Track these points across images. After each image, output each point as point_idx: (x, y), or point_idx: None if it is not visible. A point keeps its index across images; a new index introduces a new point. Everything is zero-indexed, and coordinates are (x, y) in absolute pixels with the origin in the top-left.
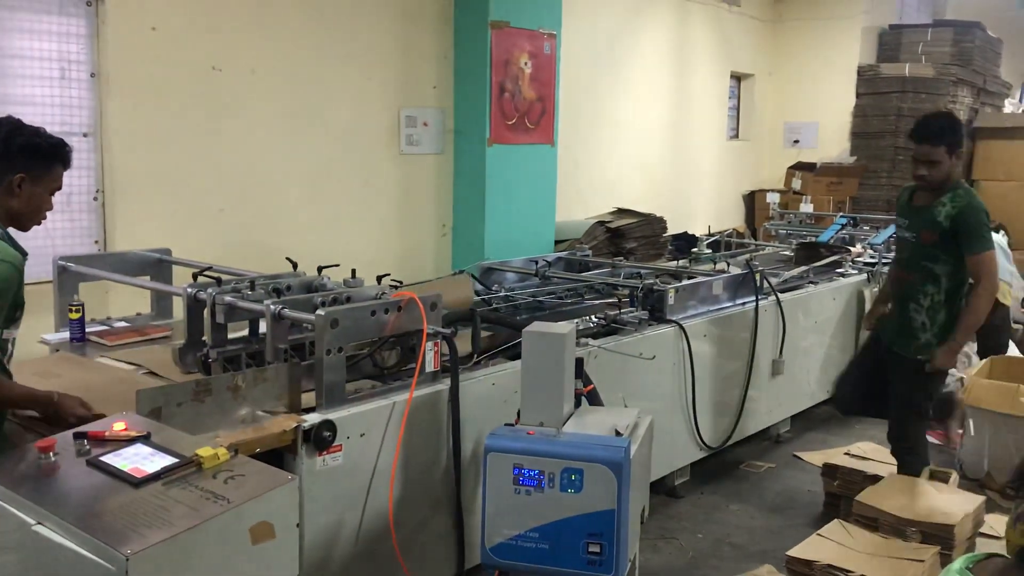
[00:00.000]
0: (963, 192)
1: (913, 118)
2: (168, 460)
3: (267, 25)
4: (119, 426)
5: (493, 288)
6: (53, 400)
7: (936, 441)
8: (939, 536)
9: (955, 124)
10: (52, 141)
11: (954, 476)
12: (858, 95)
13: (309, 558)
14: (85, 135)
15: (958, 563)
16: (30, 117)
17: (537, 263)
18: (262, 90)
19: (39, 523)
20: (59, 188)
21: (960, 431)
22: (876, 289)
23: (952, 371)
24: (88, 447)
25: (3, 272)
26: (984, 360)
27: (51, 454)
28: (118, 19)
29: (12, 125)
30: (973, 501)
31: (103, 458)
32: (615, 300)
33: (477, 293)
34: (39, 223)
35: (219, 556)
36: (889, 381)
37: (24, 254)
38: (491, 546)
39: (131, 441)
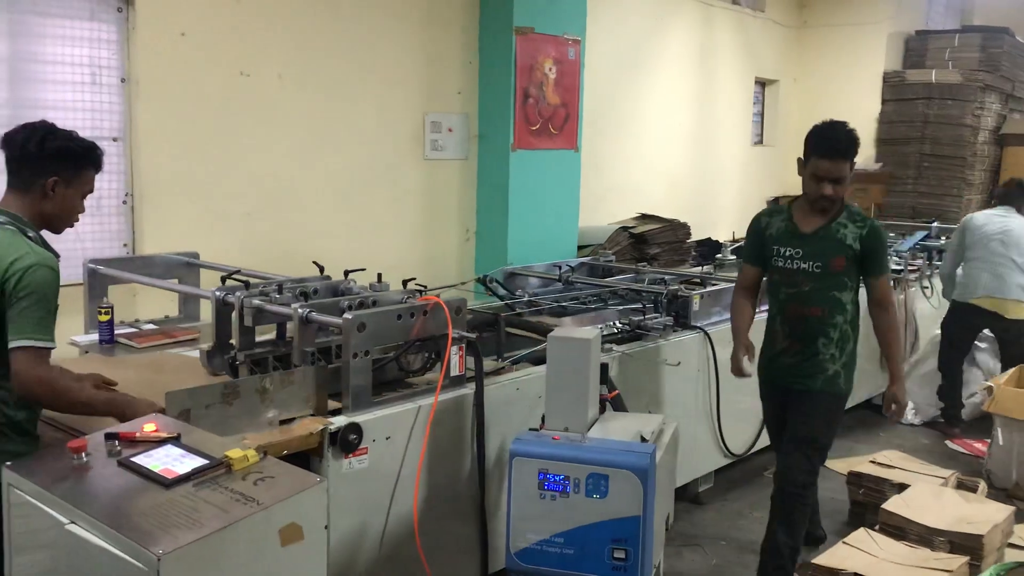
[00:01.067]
0: (857, 209)
1: (939, 124)
2: (198, 461)
3: (294, 31)
4: (150, 427)
5: (516, 293)
6: (126, 414)
7: (964, 451)
8: (968, 546)
9: (857, 135)
10: (84, 144)
11: (982, 486)
12: (884, 101)
13: (334, 561)
14: (115, 140)
15: (988, 572)
16: (61, 122)
17: (560, 268)
18: (289, 95)
19: (72, 522)
20: (91, 191)
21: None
22: (902, 296)
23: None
24: (119, 448)
25: (45, 277)
26: (1012, 368)
27: (83, 454)
28: (148, 25)
29: (46, 129)
30: (1002, 511)
31: (134, 459)
32: (639, 306)
33: (501, 298)
34: (71, 225)
35: (248, 557)
36: (788, 421)
37: (56, 256)
38: (516, 551)
39: (162, 442)
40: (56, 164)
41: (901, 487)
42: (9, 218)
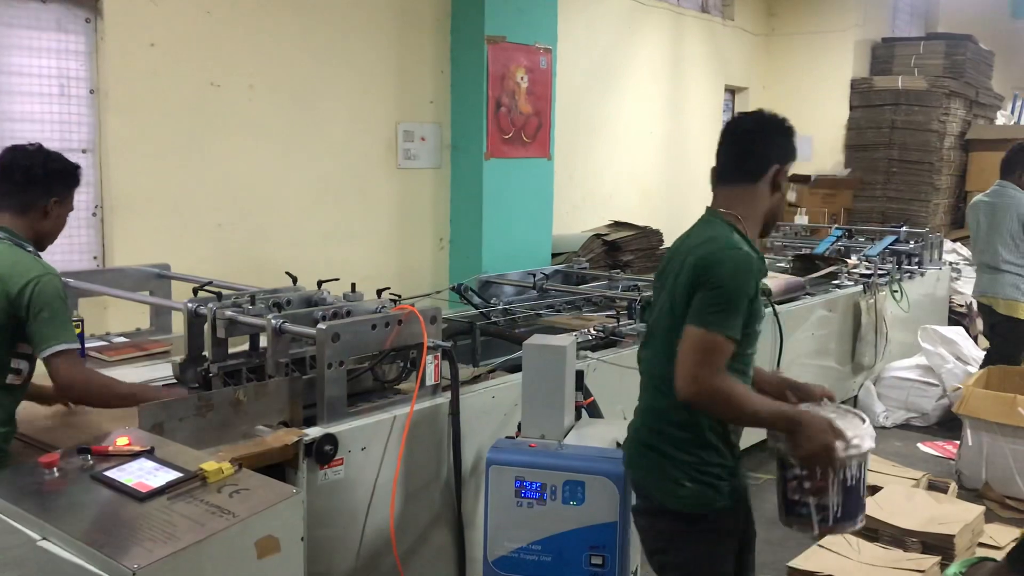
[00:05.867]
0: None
1: (907, 130)
2: (172, 474)
3: (265, 41)
4: (122, 441)
5: (491, 301)
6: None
7: (935, 453)
8: (939, 546)
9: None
10: (73, 164)
11: (953, 486)
12: (851, 108)
13: (311, 572)
14: (84, 151)
15: (953, 567)
16: (30, 134)
17: (535, 276)
18: (260, 106)
19: (44, 538)
20: (72, 208)
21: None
22: (872, 300)
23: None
24: (92, 462)
25: (55, 285)
26: (981, 370)
27: (55, 469)
28: (117, 36)
29: (44, 152)
30: (972, 511)
31: (107, 473)
32: (613, 312)
33: (476, 306)
34: (54, 240)
35: (225, 570)
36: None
37: None
38: (493, 559)
39: (135, 456)
40: (56, 185)
41: (874, 489)
42: (7, 234)
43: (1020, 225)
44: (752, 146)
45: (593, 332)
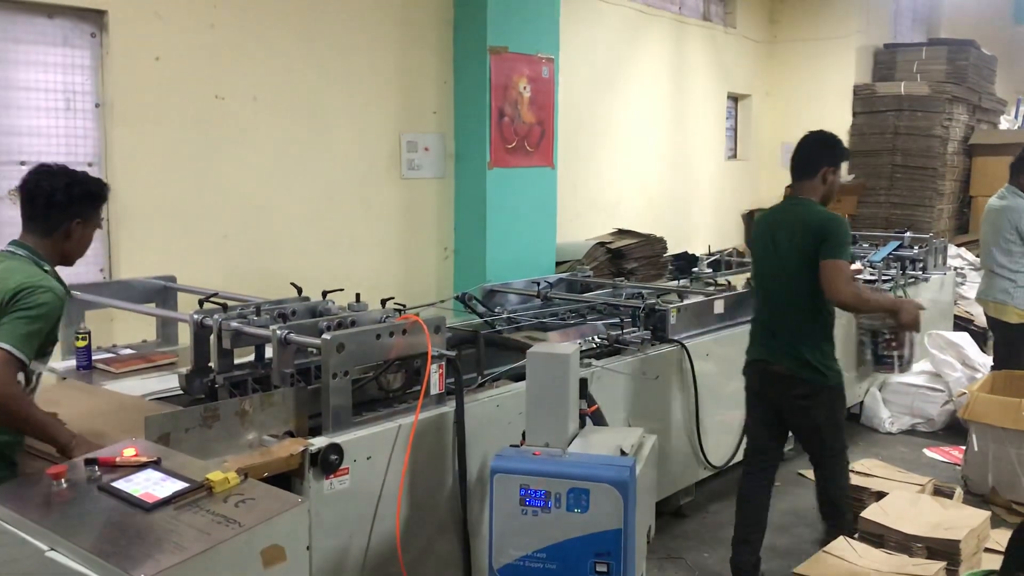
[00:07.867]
0: None
1: (910, 136)
2: (179, 485)
3: (269, 53)
4: (129, 452)
5: (496, 310)
6: (69, 447)
7: (941, 459)
8: (945, 552)
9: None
10: (99, 183)
11: (958, 492)
12: (854, 114)
13: None
14: (90, 164)
15: None
16: (37, 148)
17: (539, 284)
18: (264, 117)
19: (52, 549)
20: (101, 225)
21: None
22: None
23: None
24: (99, 473)
25: (47, 300)
26: (986, 374)
27: (63, 480)
28: (122, 50)
29: (69, 175)
30: (978, 516)
31: (114, 484)
32: (617, 320)
33: (480, 315)
34: (82, 255)
35: None
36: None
37: (66, 291)
38: (499, 567)
39: (142, 467)
40: (80, 207)
41: (879, 495)
42: (28, 251)
43: (1012, 228)
44: (809, 154)
45: (598, 339)
